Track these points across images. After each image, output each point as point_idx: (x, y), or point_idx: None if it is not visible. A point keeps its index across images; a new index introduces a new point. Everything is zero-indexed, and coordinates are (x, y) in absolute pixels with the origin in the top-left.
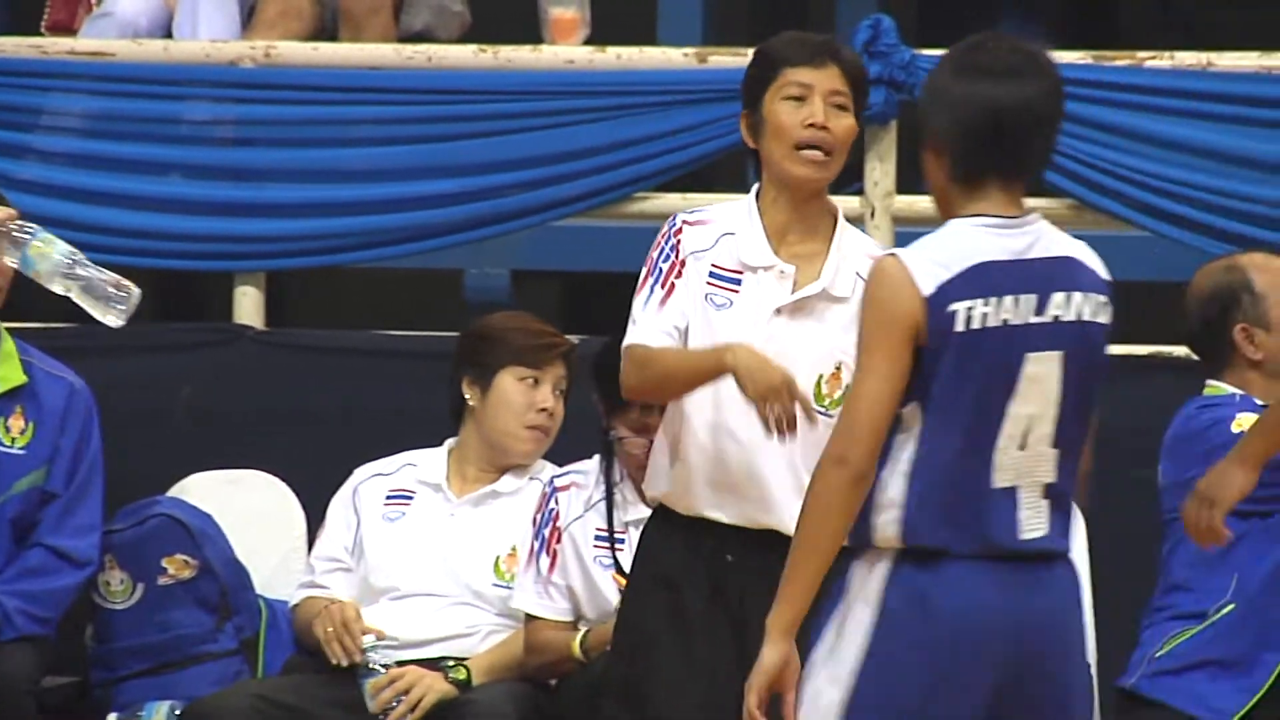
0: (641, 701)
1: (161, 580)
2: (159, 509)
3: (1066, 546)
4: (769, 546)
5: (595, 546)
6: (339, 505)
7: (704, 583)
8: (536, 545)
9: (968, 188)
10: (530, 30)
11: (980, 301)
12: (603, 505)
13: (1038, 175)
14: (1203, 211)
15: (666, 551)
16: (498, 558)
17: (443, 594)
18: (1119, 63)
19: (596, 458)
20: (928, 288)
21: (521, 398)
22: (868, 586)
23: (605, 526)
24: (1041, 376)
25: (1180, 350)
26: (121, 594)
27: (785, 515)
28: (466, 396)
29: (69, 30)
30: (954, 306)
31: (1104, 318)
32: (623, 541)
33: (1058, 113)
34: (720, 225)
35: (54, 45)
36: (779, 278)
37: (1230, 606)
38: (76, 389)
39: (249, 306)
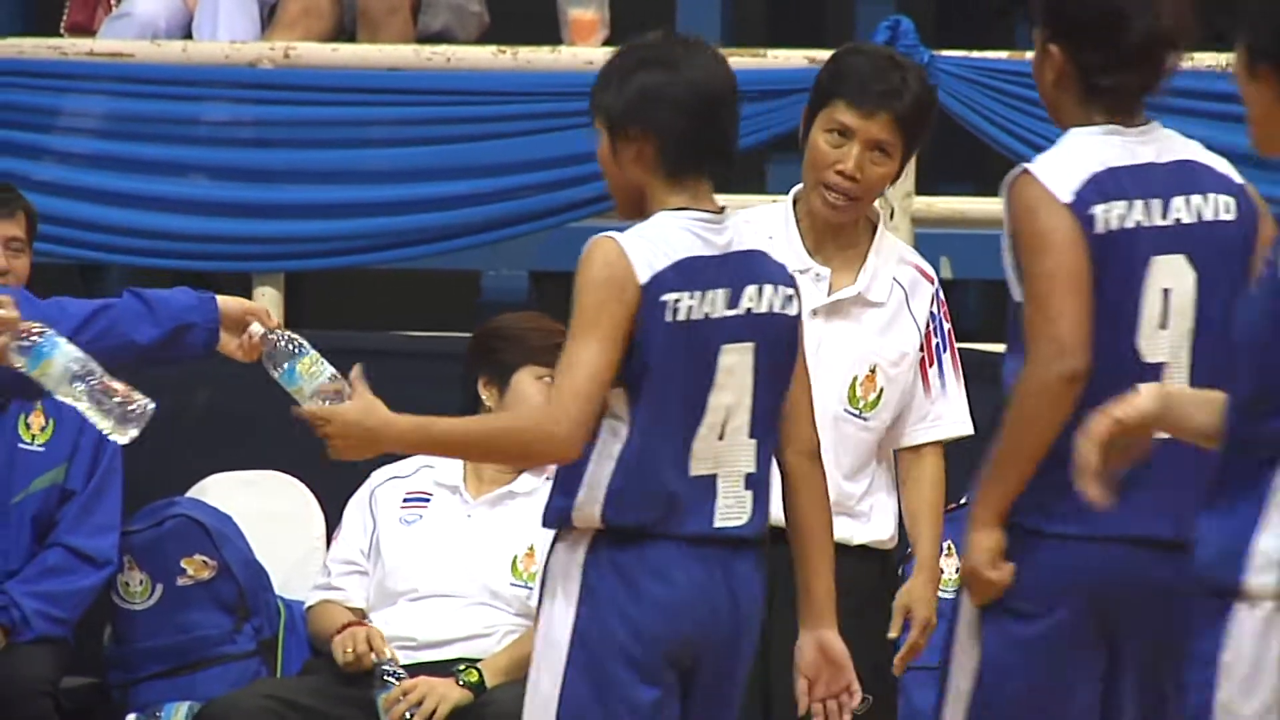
0: None
1: (180, 581)
2: (178, 510)
3: (762, 535)
4: (777, 540)
5: None
6: (355, 508)
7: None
8: None
9: (674, 181)
10: (549, 31)
11: (687, 294)
12: None
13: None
14: None
15: None
16: (515, 558)
17: (461, 595)
18: None
19: None
20: (644, 276)
21: (540, 396)
22: (569, 568)
23: None
24: (736, 367)
25: None
26: (140, 595)
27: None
28: (483, 397)
29: (88, 31)
30: (665, 297)
31: (792, 309)
32: None
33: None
34: (760, 226)
35: (73, 46)
36: (814, 280)
37: None
38: None
39: (267, 307)
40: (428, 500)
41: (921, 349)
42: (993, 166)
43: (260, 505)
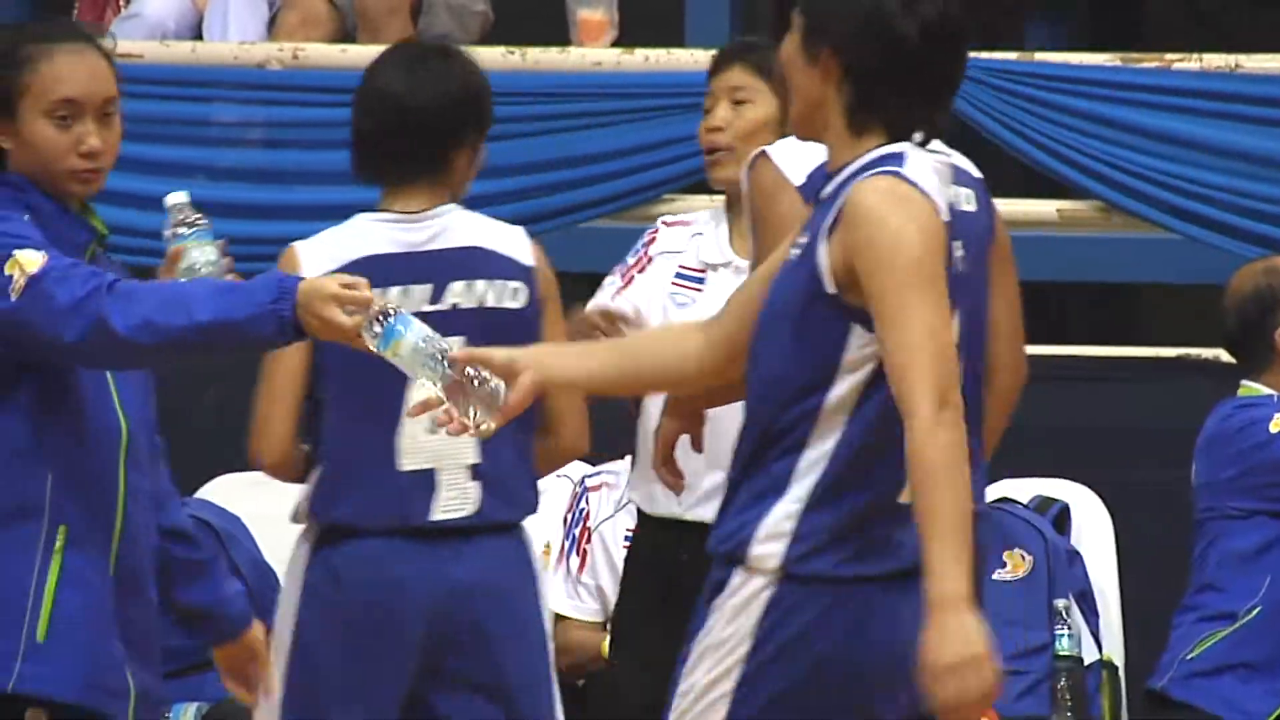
0: (612, 698)
1: None
2: (186, 510)
3: (505, 520)
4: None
5: (625, 547)
6: None
7: (659, 583)
8: (567, 545)
9: (374, 182)
10: (555, 30)
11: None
12: (633, 505)
13: (435, 176)
14: (1230, 214)
15: (640, 553)
16: None
17: None
18: (1147, 65)
19: (628, 458)
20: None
21: None
22: (296, 564)
23: (635, 527)
24: None
25: (1209, 352)
26: None
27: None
28: None
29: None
30: None
31: (514, 302)
32: None
33: (458, 118)
34: (696, 226)
35: None
36: (734, 274)
37: (1257, 609)
38: None
39: None
40: None
41: None
42: (1002, 169)
43: (268, 506)
